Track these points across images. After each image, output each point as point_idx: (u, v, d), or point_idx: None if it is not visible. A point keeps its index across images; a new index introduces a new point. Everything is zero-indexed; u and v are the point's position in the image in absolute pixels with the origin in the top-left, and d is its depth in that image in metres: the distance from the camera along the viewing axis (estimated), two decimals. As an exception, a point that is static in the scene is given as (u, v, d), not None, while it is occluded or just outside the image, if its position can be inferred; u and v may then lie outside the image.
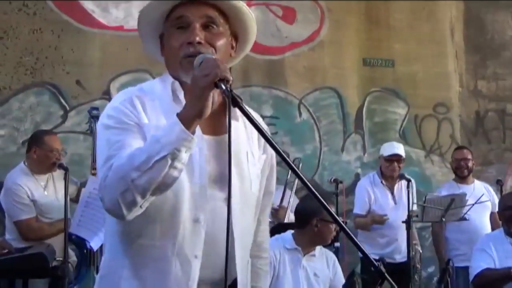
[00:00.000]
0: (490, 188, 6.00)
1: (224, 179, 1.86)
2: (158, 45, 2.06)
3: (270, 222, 2.65)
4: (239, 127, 1.99)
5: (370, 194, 5.75)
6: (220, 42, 1.96)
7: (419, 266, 5.46)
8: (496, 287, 4.41)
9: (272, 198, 2.24)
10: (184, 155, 1.76)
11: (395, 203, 5.72)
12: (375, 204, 5.74)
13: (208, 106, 1.75)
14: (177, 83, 1.97)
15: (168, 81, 1.99)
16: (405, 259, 5.37)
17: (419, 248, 5.84)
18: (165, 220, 1.86)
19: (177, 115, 1.76)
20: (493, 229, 5.53)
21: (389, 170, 5.77)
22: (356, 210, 5.87)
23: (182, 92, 1.96)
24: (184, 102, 1.90)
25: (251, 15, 2.08)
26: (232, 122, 1.84)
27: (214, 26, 1.96)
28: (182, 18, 1.95)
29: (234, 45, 2.08)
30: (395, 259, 5.60)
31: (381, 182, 5.79)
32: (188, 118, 1.75)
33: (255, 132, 1.98)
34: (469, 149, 6.30)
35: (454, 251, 5.74)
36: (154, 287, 1.87)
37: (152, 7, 1.99)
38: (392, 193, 5.77)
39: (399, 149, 5.87)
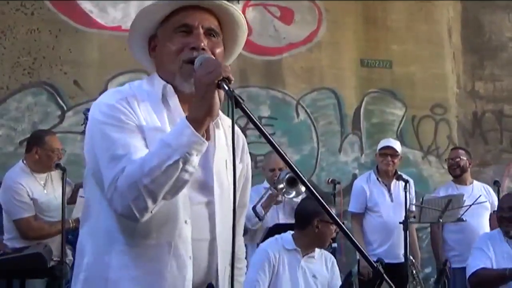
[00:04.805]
0: (490, 189, 5.96)
1: (207, 186, 1.93)
2: (144, 45, 2.04)
3: None
4: (220, 135, 2.00)
5: (365, 191, 5.73)
6: (219, 51, 1.97)
7: (414, 271, 5.39)
8: (491, 287, 4.42)
9: (245, 212, 2.24)
10: (195, 159, 1.76)
11: (392, 201, 5.69)
12: (370, 200, 5.72)
13: (215, 104, 1.75)
14: (169, 87, 1.95)
15: (156, 83, 1.98)
16: (401, 260, 5.22)
17: (417, 254, 5.83)
18: (162, 219, 1.85)
19: (186, 118, 1.76)
20: (492, 229, 5.52)
21: (383, 165, 5.73)
22: (351, 208, 5.86)
23: (175, 97, 1.95)
24: (173, 106, 1.92)
25: (245, 30, 2.09)
26: (215, 130, 1.90)
27: (215, 35, 1.97)
28: (187, 23, 1.94)
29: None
30: (390, 259, 5.41)
31: (377, 179, 5.78)
32: (198, 120, 1.75)
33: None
34: (466, 149, 6.31)
35: (451, 252, 5.73)
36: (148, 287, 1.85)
37: (154, 8, 1.97)
38: (389, 191, 5.74)
39: (392, 142, 5.84)
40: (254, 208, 5.18)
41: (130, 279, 1.85)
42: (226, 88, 1.71)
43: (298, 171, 1.67)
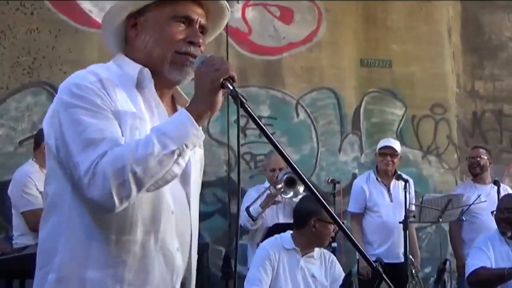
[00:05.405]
0: (509, 189, 5.92)
1: (186, 176, 1.90)
2: (120, 20, 1.96)
3: None
4: None
5: (365, 191, 5.73)
6: (203, 49, 1.94)
7: (414, 271, 5.38)
8: (490, 286, 4.43)
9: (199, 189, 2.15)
10: (188, 152, 1.73)
11: (391, 201, 5.69)
12: (370, 201, 5.71)
13: (219, 100, 1.75)
14: (146, 71, 1.88)
15: (128, 65, 1.91)
16: (401, 260, 5.20)
17: (417, 253, 5.83)
18: (146, 212, 1.79)
19: (187, 110, 1.73)
20: None
21: (383, 164, 5.74)
22: (350, 209, 5.86)
23: (151, 82, 1.87)
24: (149, 91, 1.87)
25: (223, 26, 2.09)
26: None
27: (204, 33, 1.96)
28: (189, 15, 1.91)
29: None
30: (389, 259, 5.37)
31: (377, 179, 5.77)
32: (199, 114, 1.73)
33: None
34: (486, 148, 6.32)
35: (468, 250, 5.72)
36: (135, 286, 1.78)
37: None
38: (389, 190, 5.74)
39: (392, 142, 5.86)
40: (247, 209, 5.16)
41: (114, 277, 1.75)
42: (231, 87, 1.71)
43: (299, 171, 1.67)
